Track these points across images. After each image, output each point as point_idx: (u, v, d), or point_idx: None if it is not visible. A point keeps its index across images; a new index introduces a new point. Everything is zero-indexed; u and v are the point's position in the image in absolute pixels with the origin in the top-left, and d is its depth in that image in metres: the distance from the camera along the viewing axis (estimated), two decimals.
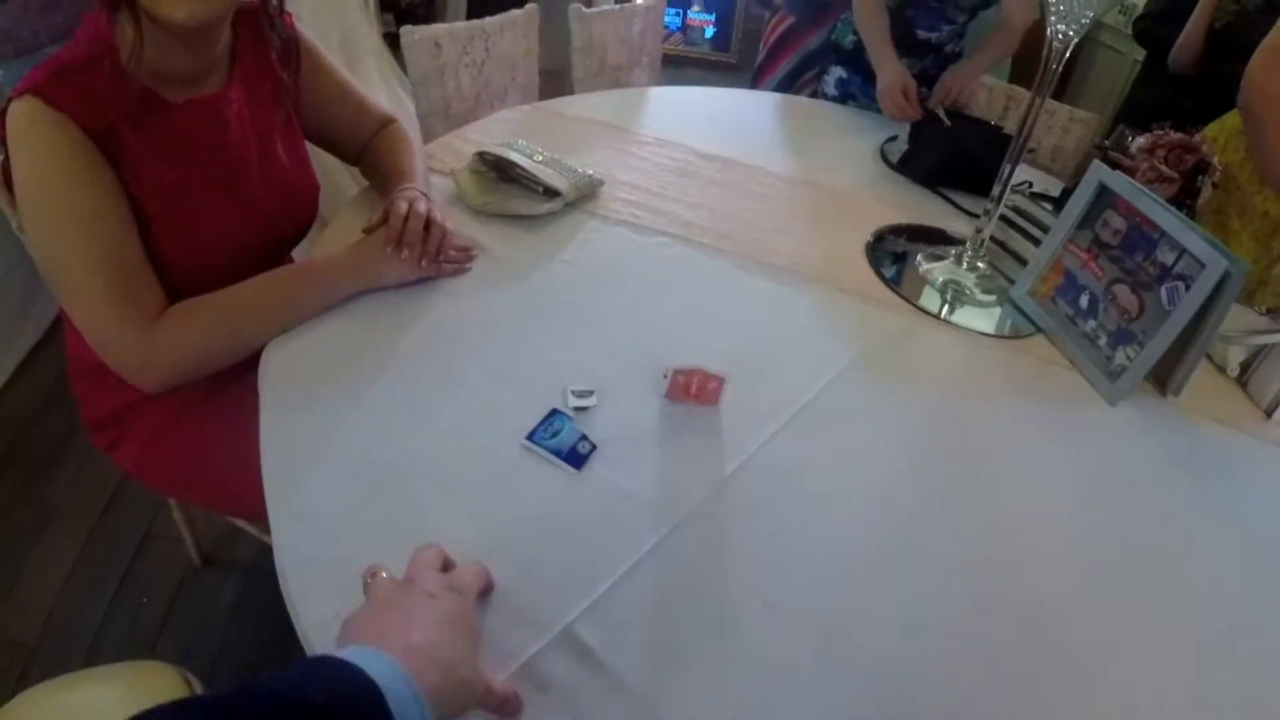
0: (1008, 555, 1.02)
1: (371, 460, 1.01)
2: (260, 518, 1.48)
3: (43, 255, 1.20)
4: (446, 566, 0.84)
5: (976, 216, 1.76)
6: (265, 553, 1.73)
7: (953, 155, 1.95)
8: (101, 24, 1.19)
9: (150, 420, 1.42)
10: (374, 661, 0.61)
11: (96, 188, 1.16)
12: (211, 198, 1.30)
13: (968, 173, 1.91)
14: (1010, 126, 2.19)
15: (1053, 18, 1.33)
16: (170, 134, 1.24)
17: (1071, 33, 1.33)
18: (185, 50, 1.24)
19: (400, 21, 3.98)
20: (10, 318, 2.85)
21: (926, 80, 2.38)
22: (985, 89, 2.53)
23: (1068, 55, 1.37)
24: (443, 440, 1.05)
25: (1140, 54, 3.26)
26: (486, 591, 0.86)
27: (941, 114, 2.08)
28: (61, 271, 1.18)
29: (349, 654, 0.61)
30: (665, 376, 1.10)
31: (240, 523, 1.69)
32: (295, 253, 1.57)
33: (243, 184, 1.34)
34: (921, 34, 2.39)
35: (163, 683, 1.10)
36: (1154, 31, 2.92)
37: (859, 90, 2.52)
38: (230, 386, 1.33)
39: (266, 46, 1.39)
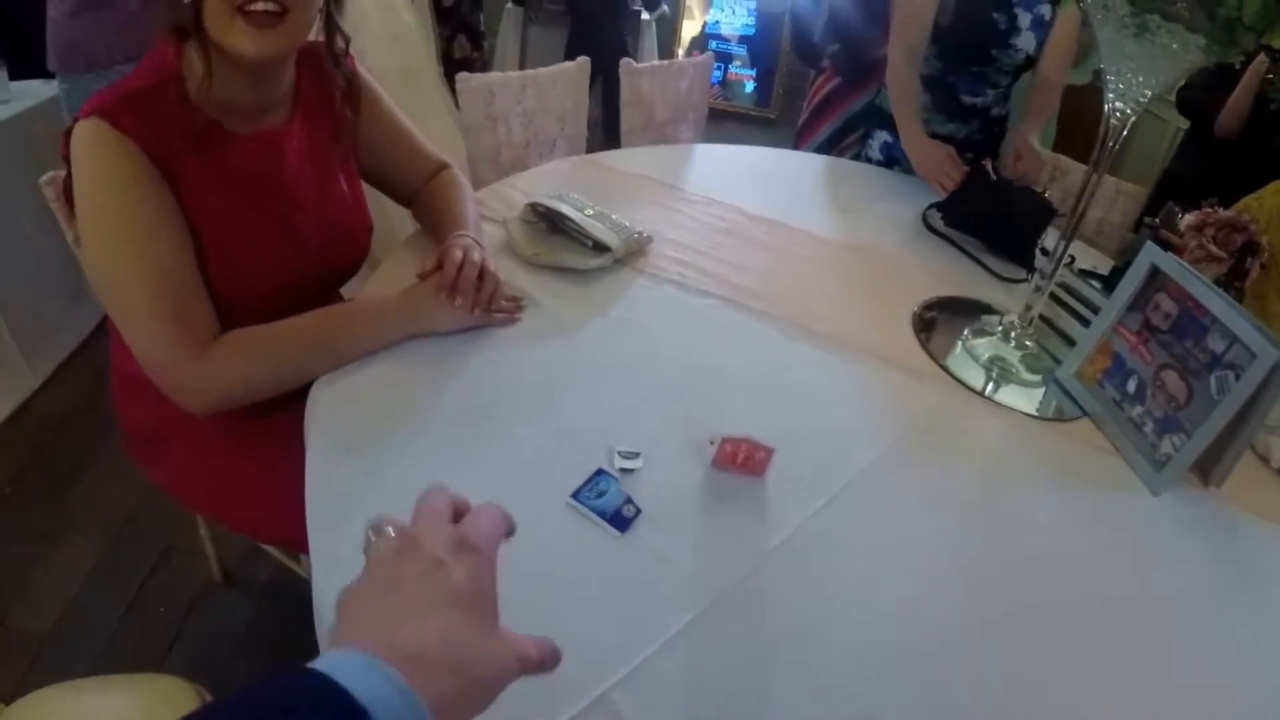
0: (1047, 641, 1.01)
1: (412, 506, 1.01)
2: (289, 546, 1.49)
3: (99, 272, 1.22)
4: (458, 514, 0.70)
5: (1016, 281, 1.75)
6: (285, 574, 1.75)
7: (995, 214, 1.94)
8: (169, 53, 1.23)
9: (188, 440, 1.44)
10: (366, 676, 0.48)
11: (156, 210, 1.20)
12: (266, 229, 1.33)
13: (1007, 235, 1.91)
14: (1055, 195, 2.20)
15: (1110, 95, 1.34)
16: (230, 164, 1.28)
17: (1130, 111, 1.33)
18: (251, 84, 1.28)
19: (452, 71, 4.08)
20: (50, 323, 2.93)
21: (972, 145, 2.40)
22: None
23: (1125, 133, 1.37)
24: (485, 492, 1.02)
25: (1181, 122, 3.25)
26: (509, 534, 0.72)
27: (990, 169, 2.07)
28: (117, 289, 1.21)
29: (337, 665, 0.49)
30: (713, 444, 1.10)
31: (266, 545, 1.70)
32: (349, 288, 1.60)
33: (297, 218, 1.37)
34: (966, 99, 2.41)
35: (177, 697, 1.10)
36: (1198, 101, 2.92)
37: (903, 155, 2.53)
38: (272, 415, 1.35)
39: (329, 85, 1.43)
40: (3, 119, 2.76)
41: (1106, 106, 1.35)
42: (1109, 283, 1.83)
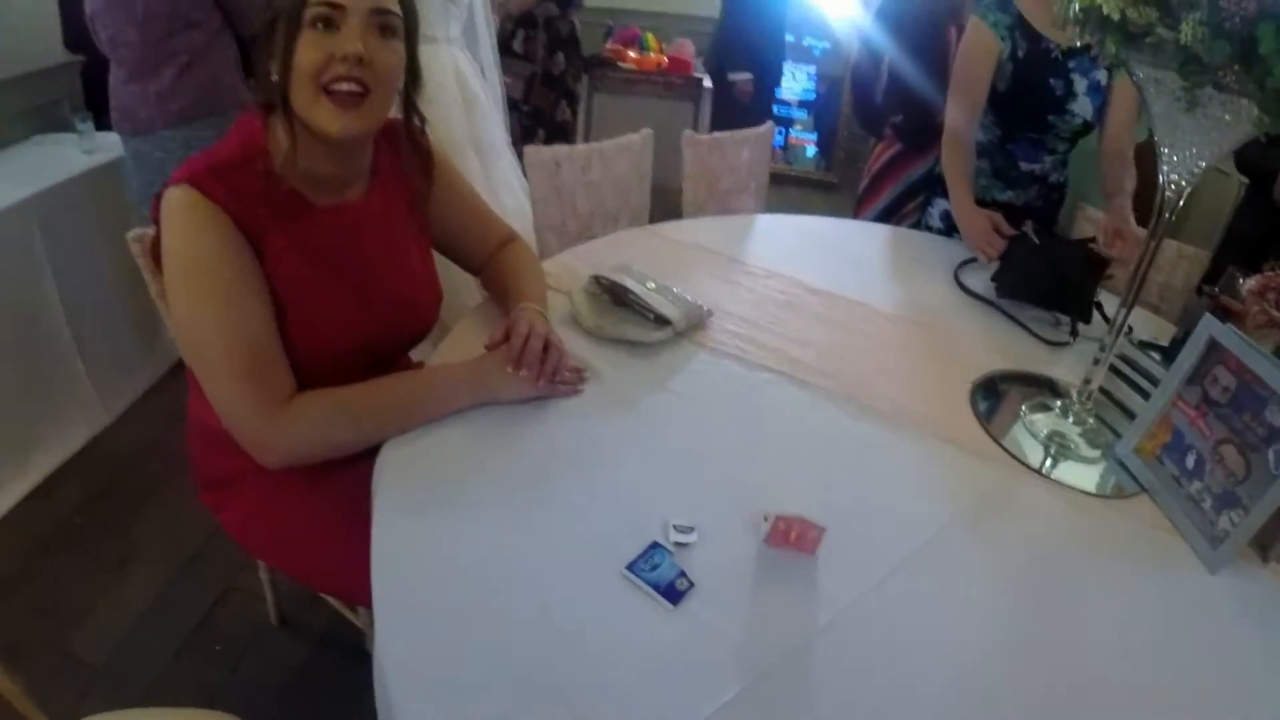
0: None
1: (474, 571, 1.08)
2: (348, 598, 1.55)
3: (184, 330, 1.32)
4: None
5: (1064, 345, 1.77)
6: (341, 622, 1.81)
7: (1046, 275, 1.96)
8: (256, 127, 1.35)
9: (259, 490, 1.51)
10: None
11: (240, 274, 1.29)
12: (342, 295, 1.41)
13: (1062, 294, 1.92)
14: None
15: (1165, 167, 1.36)
16: (311, 234, 1.37)
17: (1184, 183, 1.36)
18: (332, 159, 1.38)
19: (550, 135, 4.21)
20: (125, 365, 3.09)
21: (1031, 212, 2.42)
22: (1090, 223, 2.52)
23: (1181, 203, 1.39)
24: (544, 558, 1.11)
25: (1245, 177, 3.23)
26: None
27: (1030, 232, 2.08)
28: (200, 346, 1.30)
29: None
30: (766, 520, 1.14)
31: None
32: (418, 351, 1.68)
33: (371, 286, 1.45)
34: (1024, 166, 2.44)
35: None
36: (1255, 160, 2.91)
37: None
38: (340, 472, 1.42)
39: (405, 160, 1.52)
40: (90, 168, 2.93)
41: (1161, 178, 1.38)
42: (1169, 354, 1.82)
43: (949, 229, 2.60)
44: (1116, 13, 1.23)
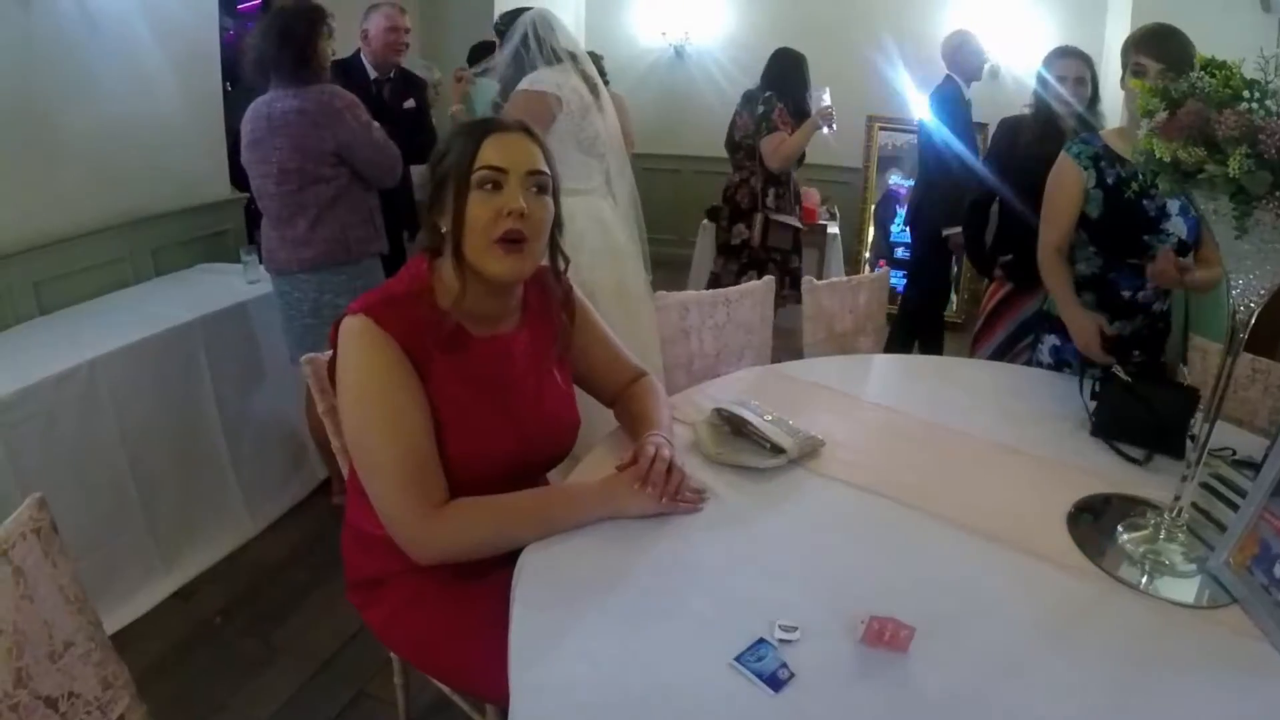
0: None
1: (602, 664, 1.29)
2: (479, 695, 1.75)
3: (355, 441, 1.62)
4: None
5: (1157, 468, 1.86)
6: None
7: (1137, 416, 2.04)
8: (423, 268, 1.67)
9: (405, 591, 1.74)
10: None
11: (408, 396, 1.58)
12: (493, 417, 1.69)
13: (1154, 433, 2.01)
14: (1197, 376, 2.33)
15: (1234, 291, 1.51)
16: (469, 362, 1.67)
17: (1253, 304, 1.50)
18: (492, 298, 1.69)
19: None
20: (273, 482, 3.45)
21: (1138, 342, 2.58)
22: (1199, 353, 2.62)
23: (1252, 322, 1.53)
24: (661, 652, 1.32)
25: None
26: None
27: (1119, 372, 2.18)
28: (369, 457, 1.59)
29: None
30: (862, 622, 1.32)
31: (454, 696, 1.90)
32: (556, 473, 1.93)
33: (519, 409, 1.73)
34: (1126, 294, 2.60)
35: None
36: None
37: (1073, 356, 2.69)
38: (479, 578, 1.67)
39: (551, 299, 1.82)
40: (251, 297, 3.33)
41: (1230, 302, 1.52)
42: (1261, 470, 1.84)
43: (1058, 364, 2.75)
44: (1169, 156, 1.41)
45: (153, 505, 2.92)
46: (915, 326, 5.03)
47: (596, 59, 3.50)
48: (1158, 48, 2.43)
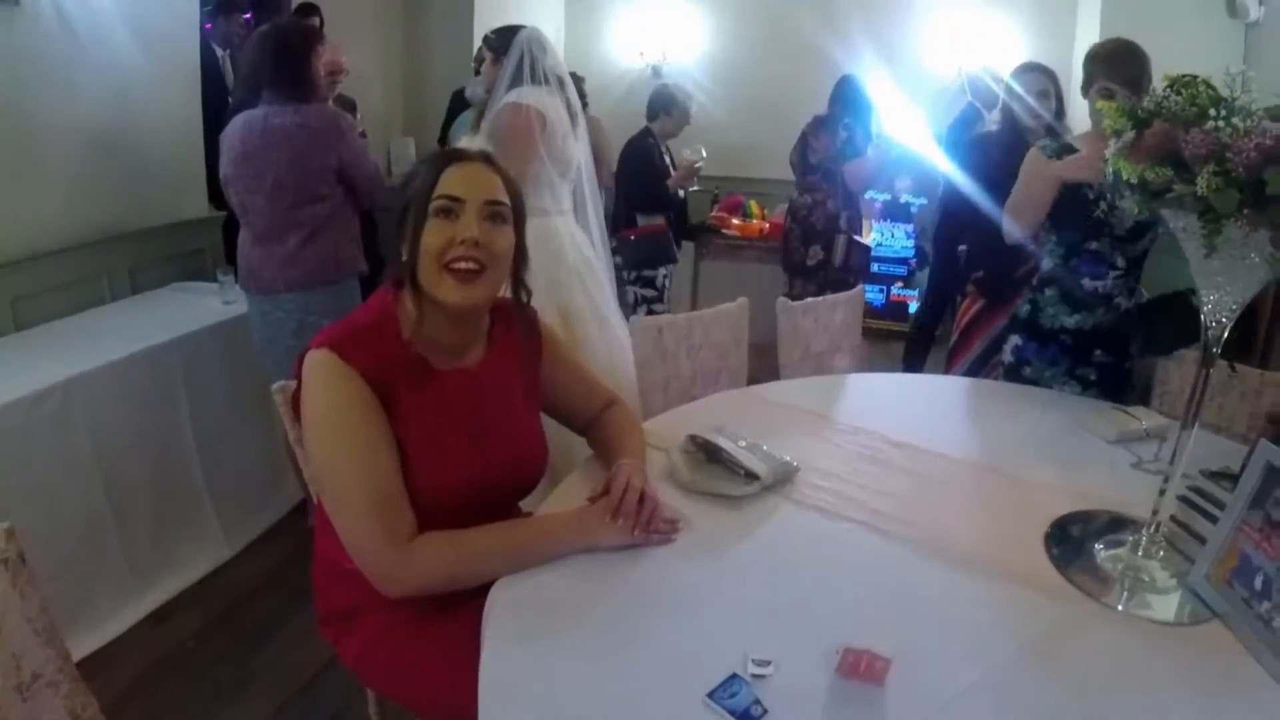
0: None
1: (573, 698, 1.27)
2: None
3: (322, 473, 1.60)
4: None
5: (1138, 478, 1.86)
6: None
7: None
8: (388, 300, 1.66)
9: (376, 624, 1.72)
10: None
11: (373, 428, 1.56)
12: (460, 448, 1.67)
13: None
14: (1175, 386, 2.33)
15: (1206, 308, 1.52)
16: (435, 394, 1.65)
17: (1225, 320, 1.51)
18: (452, 328, 1.68)
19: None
20: (249, 504, 3.42)
21: (1100, 337, 2.62)
22: (1175, 362, 2.63)
23: (1225, 336, 1.54)
24: (633, 687, 1.30)
25: None
26: None
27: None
28: (335, 490, 1.57)
29: None
30: (837, 653, 1.31)
31: None
32: (530, 502, 1.91)
33: (487, 441, 1.71)
34: (1087, 284, 2.61)
35: None
36: None
37: (1033, 356, 2.72)
38: (451, 610, 1.64)
39: (516, 329, 1.81)
40: (227, 318, 3.32)
41: (1204, 318, 1.53)
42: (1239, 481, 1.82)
43: (1018, 362, 2.76)
44: (1136, 177, 1.42)
45: (127, 527, 2.89)
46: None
47: (578, 80, 3.50)
48: (1124, 71, 2.46)
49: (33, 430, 2.57)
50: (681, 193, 5.21)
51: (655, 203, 5.02)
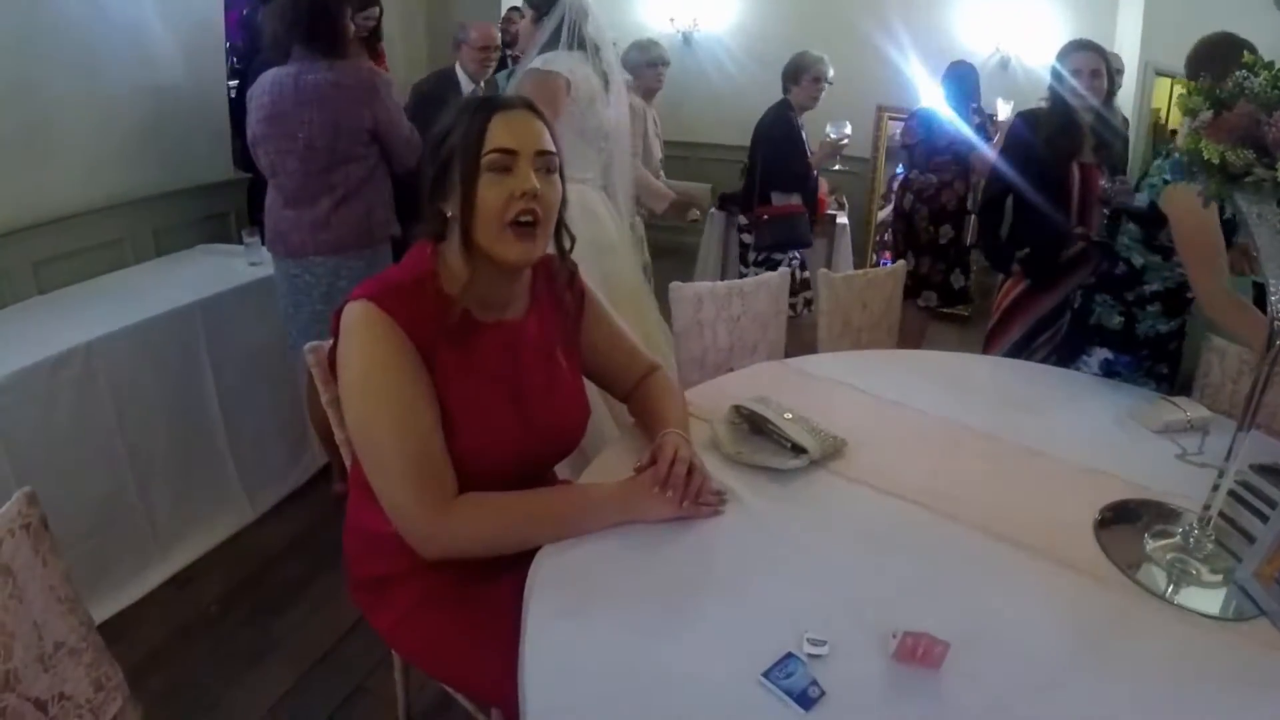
0: None
1: (620, 675, 1.23)
2: (487, 699, 1.70)
3: (360, 429, 1.54)
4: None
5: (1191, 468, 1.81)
6: None
7: None
8: (426, 254, 1.60)
9: (413, 594, 1.67)
10: None
11: (414, 384, 1.51)
12: (501, 407, 1.62)
13: None
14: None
15: (1273, 298, 1.46)
16: (477, 351, 1.60)
17: None
18: (503, 282, 1.63)
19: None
20: (272, 468, 3.39)
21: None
22: (1215, 354, 2.56)
23: None
24: (685, 665, 1.25)
25: None
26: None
27: None
28: (375, 448, 1.52)
29: None
30: (894, 637, 1.26)
31: (458, 697, 1.83)
32: (563, 470, 1.87)
33: (528, 400, 1.66)
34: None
35: None
36: None
37: (1125, 367, 2.64)
38: (489, 582, 1.61)
39: (559, 289, 1.77)
40: (252, 280, 3.27)
41: (1270, 309, 1.48)
42: None
43: (1107, 375, 2.65)
44: (1217, 157, 1.36)
45: (149, 490, 2.86)
46: None
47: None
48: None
49: (55, 393, 2.54)
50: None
51: (794, 181, 4.76)
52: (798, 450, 1.77)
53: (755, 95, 4.84)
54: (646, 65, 4.65)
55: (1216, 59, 2.40)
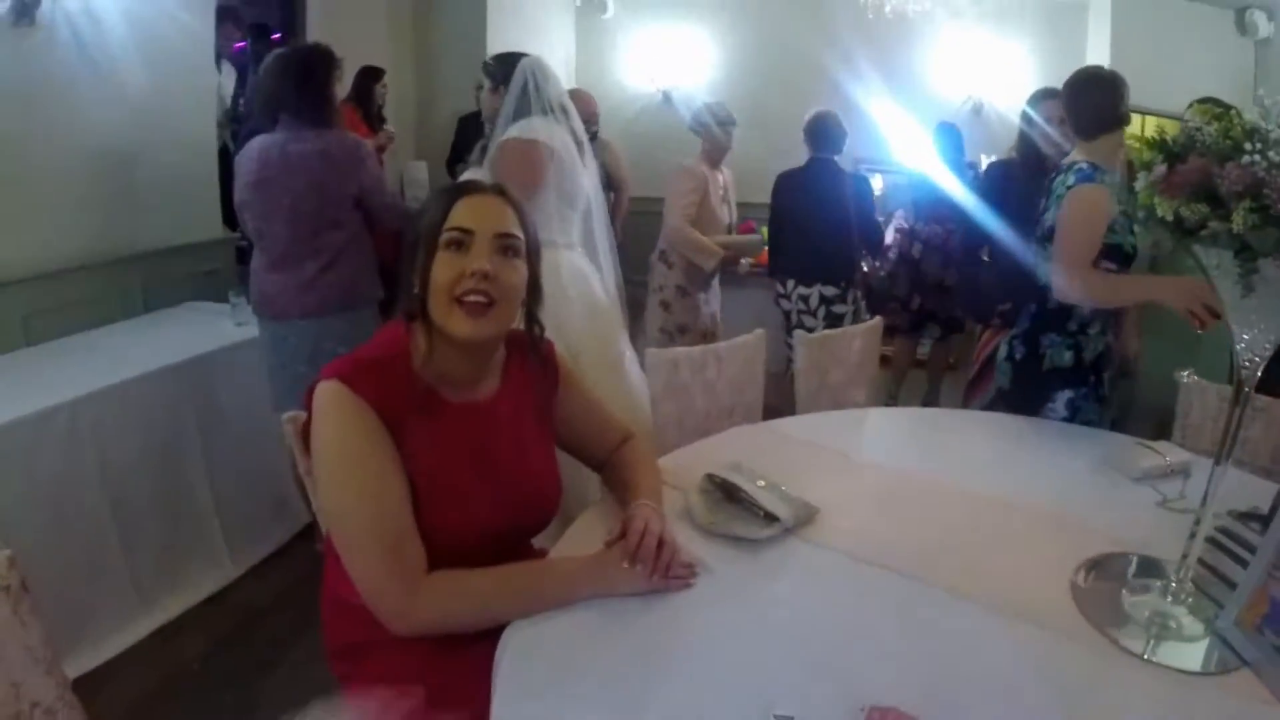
0: None
1: None
2: None
3: (331, 506, 1.57)
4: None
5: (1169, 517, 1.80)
6: None
7: None
8: (400, 332, 1.62)
9: (384, 664, 1.65)
10: None
11: (383, 462, 1.52)
12: (471, 484, 1.63)
13: None
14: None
15: (1238, 346, 1.47)
16: (445, 428, 1.61)
17: (1258, 358, 1.46)
18: (464, 360, 1.64)
19: None
20: (256, 527, 3.38)
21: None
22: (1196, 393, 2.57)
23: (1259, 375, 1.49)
24: None
25: None
26: None
27: None
28: (345, 524, 1.54)
29: None
30: (863, 711, 1.25)
31: None
32: (545, 538, 1.86)
33: (498, 477, 1.66)
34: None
35: None
36: None
37: (1084, 400, 2.63)
38: (462, 652, 1.58)
39: (530, 364, 1.78)
40: (239, 340, 3.29)
41: (1236, 357, 1.48)
42: (1268, 522, 1.74)
43: (1072, 416, 2.63)
44: (1170, 214, 1.36)
45: (132, 547, 2.85)
46: None
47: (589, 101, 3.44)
48: None
49: (39, 447, 2.54)
50: None
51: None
52: (770, 519, 1.77)
53: (735, 151, 4.85)
54: (717, 125, 4.63)
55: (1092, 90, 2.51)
